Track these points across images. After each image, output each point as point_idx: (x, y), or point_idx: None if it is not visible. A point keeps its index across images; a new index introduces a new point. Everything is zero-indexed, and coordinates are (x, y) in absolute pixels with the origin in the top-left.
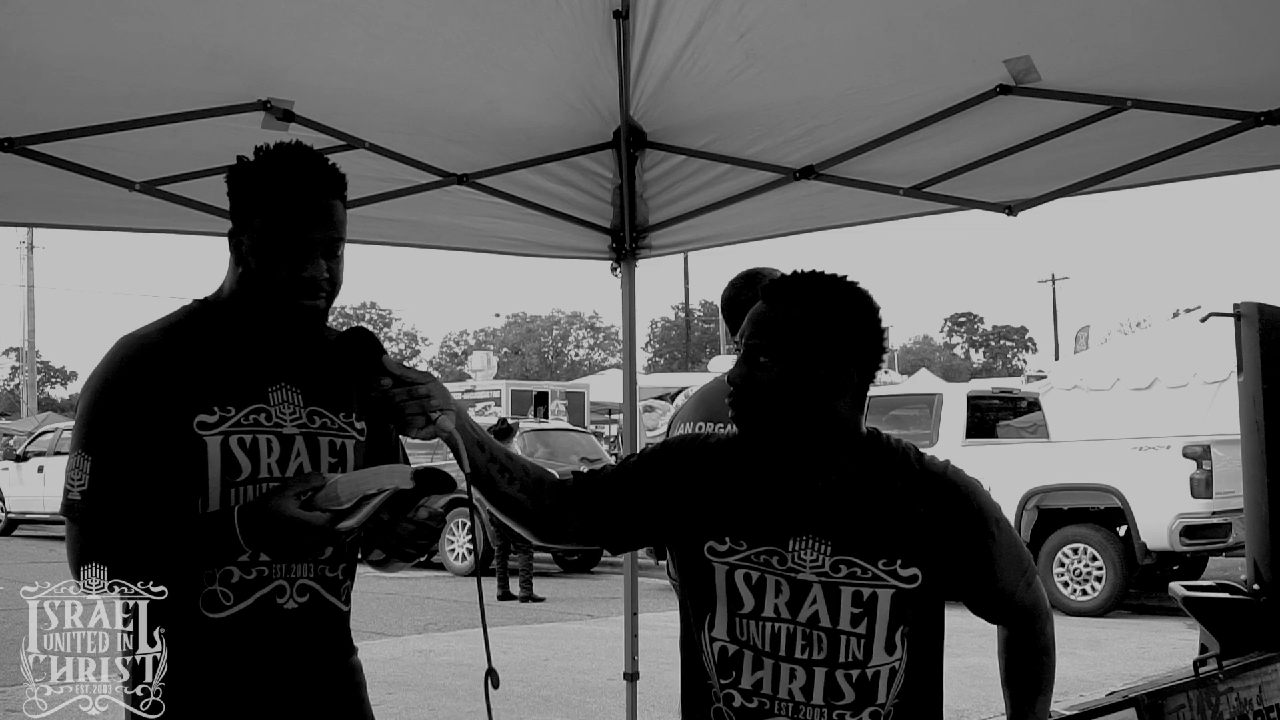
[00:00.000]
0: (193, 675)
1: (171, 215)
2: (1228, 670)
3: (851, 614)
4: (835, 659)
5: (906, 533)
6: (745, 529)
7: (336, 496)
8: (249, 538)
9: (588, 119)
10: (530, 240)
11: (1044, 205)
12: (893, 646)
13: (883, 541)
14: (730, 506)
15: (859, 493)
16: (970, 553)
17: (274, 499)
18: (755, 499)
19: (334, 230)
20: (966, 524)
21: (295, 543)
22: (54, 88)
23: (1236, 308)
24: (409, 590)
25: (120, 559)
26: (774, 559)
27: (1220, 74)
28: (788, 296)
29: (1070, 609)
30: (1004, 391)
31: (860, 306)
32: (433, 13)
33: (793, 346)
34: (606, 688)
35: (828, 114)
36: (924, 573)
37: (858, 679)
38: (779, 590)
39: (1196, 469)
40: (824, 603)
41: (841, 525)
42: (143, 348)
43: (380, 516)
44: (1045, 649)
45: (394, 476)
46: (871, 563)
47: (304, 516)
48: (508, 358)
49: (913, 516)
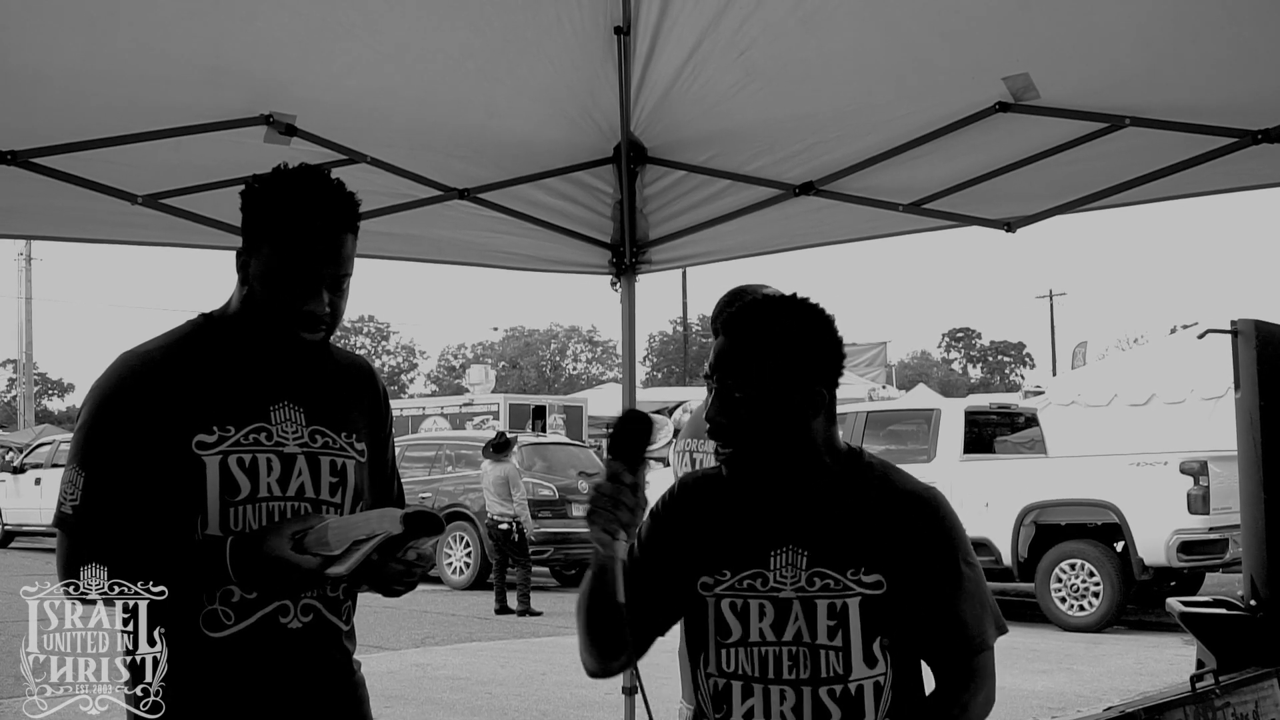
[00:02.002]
0: (194, 694)
1: (173, 228)
2: (1224, 686)
3: (828, 626)
4: (818, 675)
5: (873, 541)
6: (729, 557)
7: (326, 542)
8: (238, 571)
9: (588, 134)
10: (531, 255)
11: (1042, 222)
12: (872, 659)
13: (852, 551)
14: (715, 538)
15: (835, 505)
16: (932, 572)
17: (269, 538)
18: (736, 526)
19: (341, 266)
20: (933, 542)
21: (283, 583)
22: (56, 101)
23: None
24: (406, 604)
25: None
26: (757, 581)
27: (1218, 92)
28: (749, 328)
29: (1067, 624)
30: (1002, 407)
31: (819, 325)
32: (435, 29)
33: (762, 378)
34: (604, 702)
35: (827, 130)
36: (888, 579)
37: (841, 694)
38: (763, 613)
39: (1194, 485)
40: (804, 619)
41: (818, 535)
42: (144, 364)
43: (370, 558)
44: (958, 718)
45: (384, 521)
46: (841, 572)
47: (294, 559)
48: (506, 371)
49: (882, 526)
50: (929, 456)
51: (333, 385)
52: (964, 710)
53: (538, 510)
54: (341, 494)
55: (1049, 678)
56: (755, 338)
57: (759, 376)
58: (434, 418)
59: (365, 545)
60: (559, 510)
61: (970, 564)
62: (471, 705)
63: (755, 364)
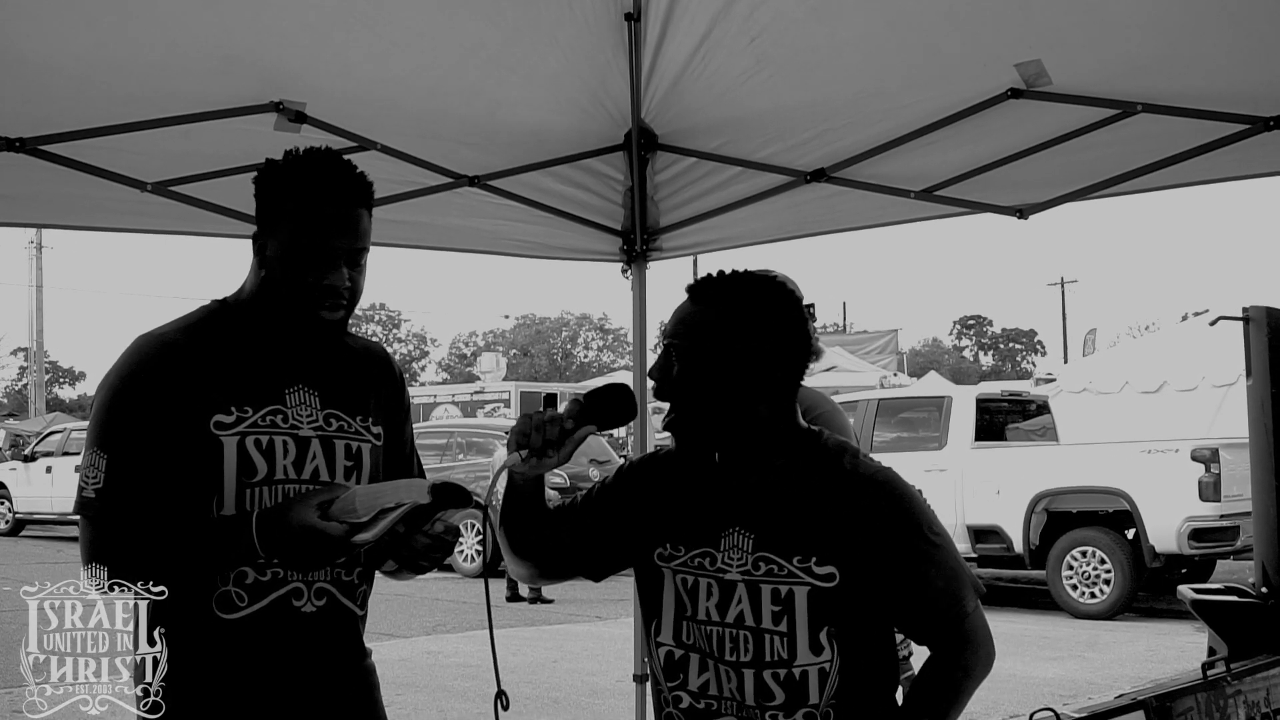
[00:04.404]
0: (205, 676)
1: (183, 216)
2: (1236, 673)
3: (772, 612)
4: (761, 659)
5: (825, 530)
6: (683, 532)
7: (354, 509)
8: (265, 544)
9: (599, 121)
10: (541, 242)
11: (1053, 209)
12: (818, 646)
13: (800, 538)
14: (671, 511)
15: (783, 489)
16: (896, 555)
17: (294, 507)
18: (692, 501)
19: (359, 240)
20: (893, 525)
21: (310, 552)
22: (65, 89)
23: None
24: (418, 592)
25: (134, 557)
26: (706, 560)
27: (1231, 79)
28: (708, 297)
29: (1078, 611)
30: (1013, 394)
31: (780, 307)
32: (445, 17)
33: (703, 348)
34: (615, 690)
35: (839, 117)
36: (842, 572)
37: (785, 678)
38: (710, 593)
39: (1205, 472)
40: (748, 602)
41: (764, 519)
42: (161, 346)
43: (396, 529)
44: (960, 684)
45: (411, 491)
46: (787, 559)
47: (321, 526)
48: (517, 359)
49: (834, 515)
50: (940, 444)
51: (348, 370)
52: (966, 672)
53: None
54: (356, 477)
55: (1060, 665)
56: (711, 306)
57: (700, 343)
58: (445, 405)
59: (392, 513)
60: (570, 498)
61: (936, 535)
62: (483, 693)
63: (702, 331)
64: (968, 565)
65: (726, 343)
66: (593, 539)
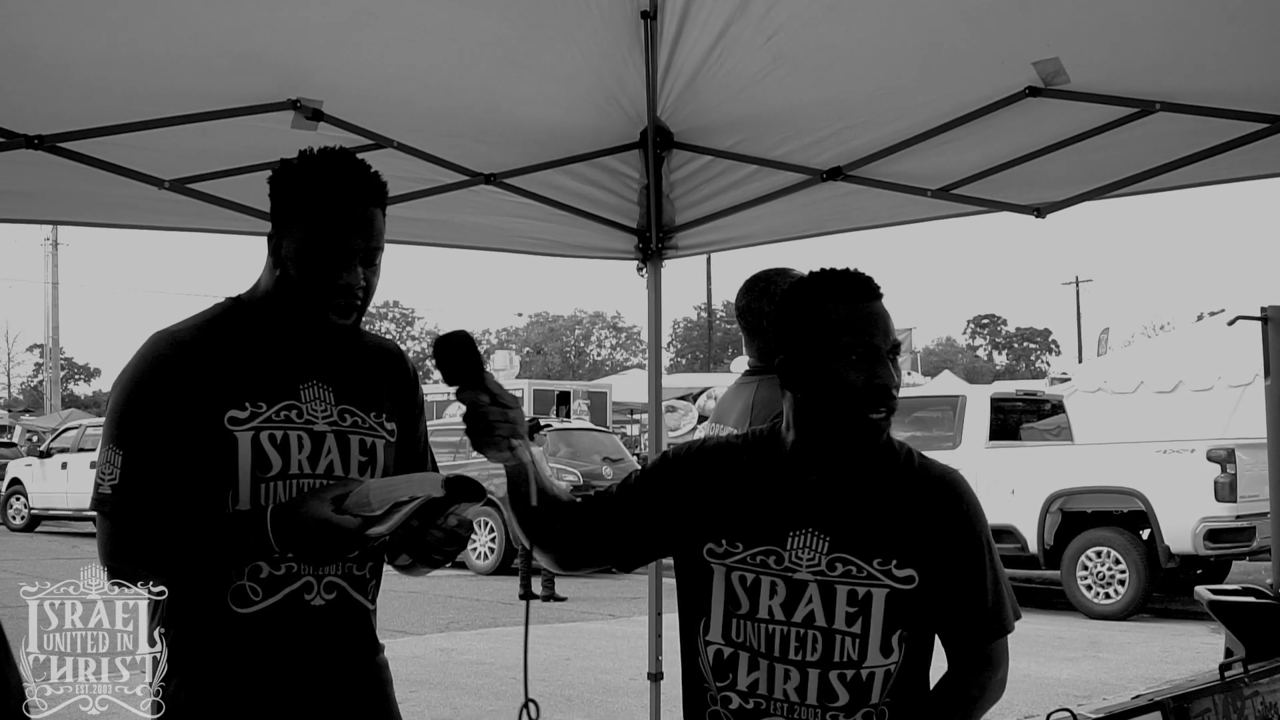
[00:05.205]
0: (220, 669)
1: (200, 213)
2: (1253, 674)
3: (847, 613)
4: (830, 659)
5: (903, 533)
6: (742, 530)
7: (368, 502)
8: (280, 538)
9: (615, 119)
10: (557, 240)
11: (1068, 208)
12: (889, 649)
13: (878, 540)
14: (727, 508)
15: (856, 489)
16: (963, 561)
17: (308, 501)
18: (752, 499)
19: (373, 239)
20: (964, 531)
21: (325, 545)
22: (83, 86)
23: (1264, 311)
24: (431, 589)
25: (150, 553)
26: (770, 559)
27: (1249, 78)
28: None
29: (1093, 612)
30: (1028, 394)
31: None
32: (462, 15)
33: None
34: (629, 688)
35: (855, 115)
36: (920, 575)
37: (851, 679)
38: (774, 591)
39: (1221, 472)
40: (820, 602)
41: (840, 521)
42: (176, 343)
43: (410, 523)
44: (975, 702)
45: (425, 484)
46: (867, 561)
47: (336, 520)
48: (530, 357)
49: (910, 517)
50: (954, 443)
51: (362, 366)
52: (982, 691)
53: None
54: (371, 473)
55: (1075, 665)
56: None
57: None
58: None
59: (406, 507)
60: (584, 496)
61: (992, 548)
62: (496, 690)
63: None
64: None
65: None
66: (628, 528)
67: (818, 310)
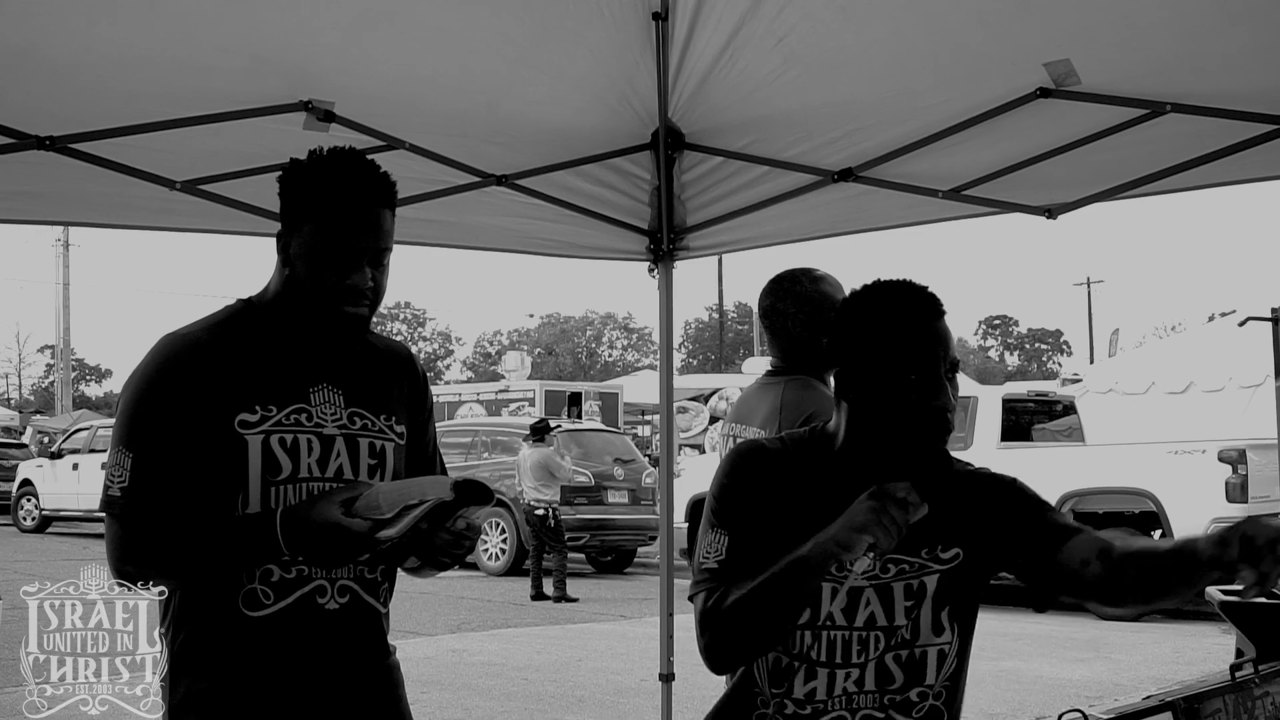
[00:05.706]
0: (232, 673)
1: (211, 214)
2: (1264, 674)
3: (904, 607)
4: (889, 648)
5: (949, 519)
6: (800, 536)
7: (378, 506)
8: (290, 541)
9: (626, 120)
10: (568, 241)
11: (1080, 209)
12: (939, 627)
13: (926, 533)
14: (787, 513)
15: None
16: (1015, 507)
17: (318, 504)
18: (802, 507)
19: (382, 240)
20: (1001, 489)
21: (335, 549)
22: (94, 87)
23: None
24: (443, 590)
25: (159, 555)
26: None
27: (1260, 79)
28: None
29: (1104, 613)
30: (1039, 394)
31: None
32: (474, 17)
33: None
34: (640, 689)
35: (867, 117)
36: (966, 549)
37: (906, 659)
38: (833, 597)
39: (1232, 473)
40: (879, 604)
41: None
42: (186, 346)
43: (419, 526)
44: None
45: (435, 488)
46: (916, 555)
47: (345, 523)
48: (541, 358)
49: (956, 503)
50: (966, 444)
51: (371, 369)
52: None
53: (574, 496)
54: (380, 476)
55: (1086, 666)
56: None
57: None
58: (470, 404)
59: (416, 510)
60: (595, 497)
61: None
62: (507, 691)
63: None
64: None
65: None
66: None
67: (879, 325)
